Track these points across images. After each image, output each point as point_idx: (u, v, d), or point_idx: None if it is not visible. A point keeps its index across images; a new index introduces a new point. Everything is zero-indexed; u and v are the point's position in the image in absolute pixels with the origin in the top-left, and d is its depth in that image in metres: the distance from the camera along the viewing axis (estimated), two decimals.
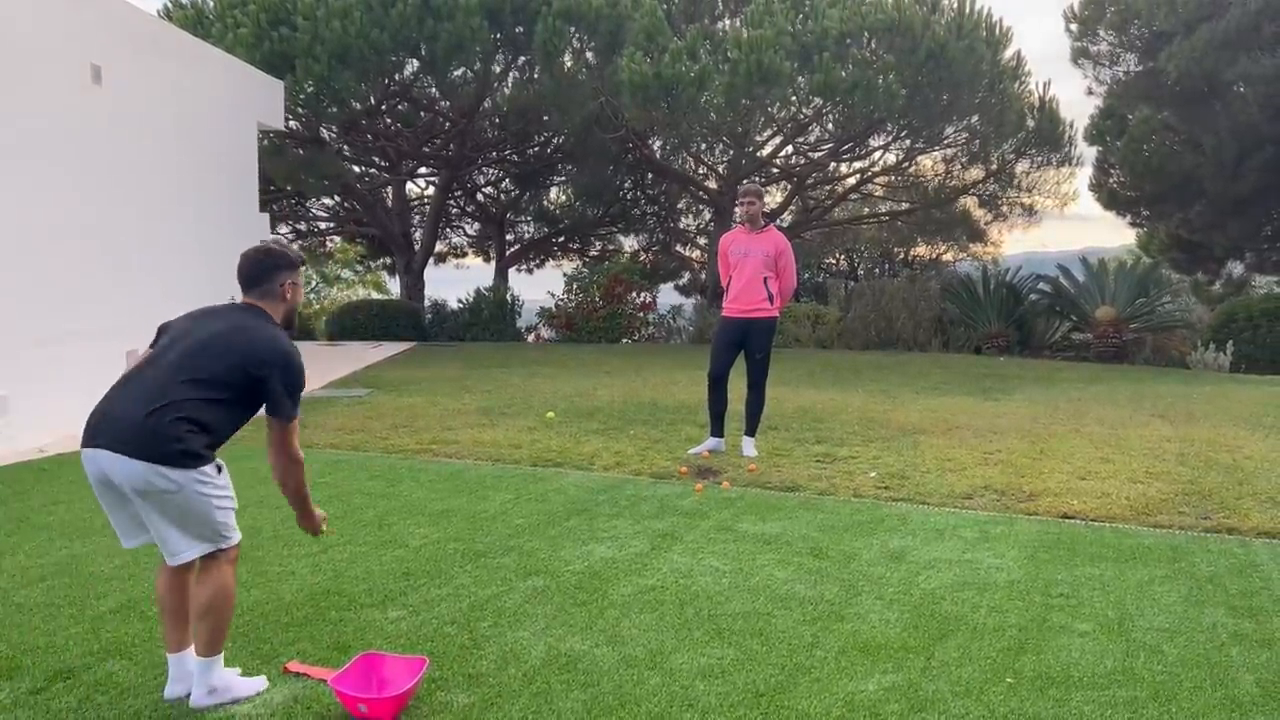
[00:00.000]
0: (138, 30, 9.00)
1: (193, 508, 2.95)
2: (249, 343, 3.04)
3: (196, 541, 3.01)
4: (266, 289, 3.20)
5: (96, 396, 3.01)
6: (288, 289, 3.23)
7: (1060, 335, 17.94)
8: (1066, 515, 5.57)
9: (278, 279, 3.21)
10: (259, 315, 3.17)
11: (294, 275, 3.25)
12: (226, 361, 3.00)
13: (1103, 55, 18.45)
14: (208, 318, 3.17)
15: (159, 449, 2.85)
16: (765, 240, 7.05)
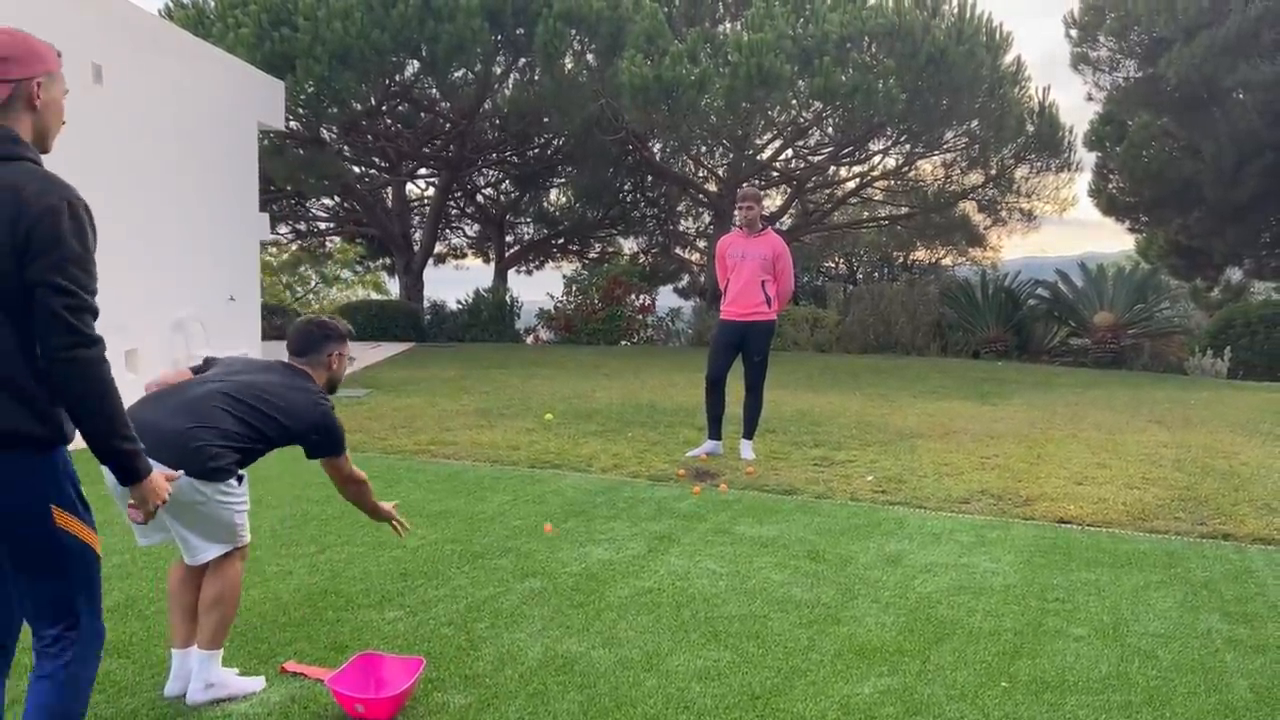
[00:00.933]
0: (138, 30, 9.01)
1: (215, 515, 3.05)
2: (292, 405, 3.21)
3: (214, 543, 3.09)
4: (315, 359, 3.43)
5: None
6: (334, 360, 3.47)
7: (1058, 340, 17.97)
8: (1063, 520, 5.58)
9: (326, 350, 3.45)
10: (305, 378, 3.36)
11: (341, 347, 3.47)
12: (272, 420, 3.15)
13: (1103, 61, 18.49)
14: (261, 368, 3.36)
15: (196, 464, 2.92)
16: (763, 243, 7.07)
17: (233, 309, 10.61)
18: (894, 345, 17.32)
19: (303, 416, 3.22)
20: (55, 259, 2.01)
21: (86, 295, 2.06)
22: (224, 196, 10.50)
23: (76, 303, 2.03)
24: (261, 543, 4.80)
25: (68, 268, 2.02)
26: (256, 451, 3.16)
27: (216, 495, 3.02)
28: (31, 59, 2.17)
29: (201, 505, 3.01)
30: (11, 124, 2.13)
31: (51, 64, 2.22)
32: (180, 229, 9.42)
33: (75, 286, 2.03)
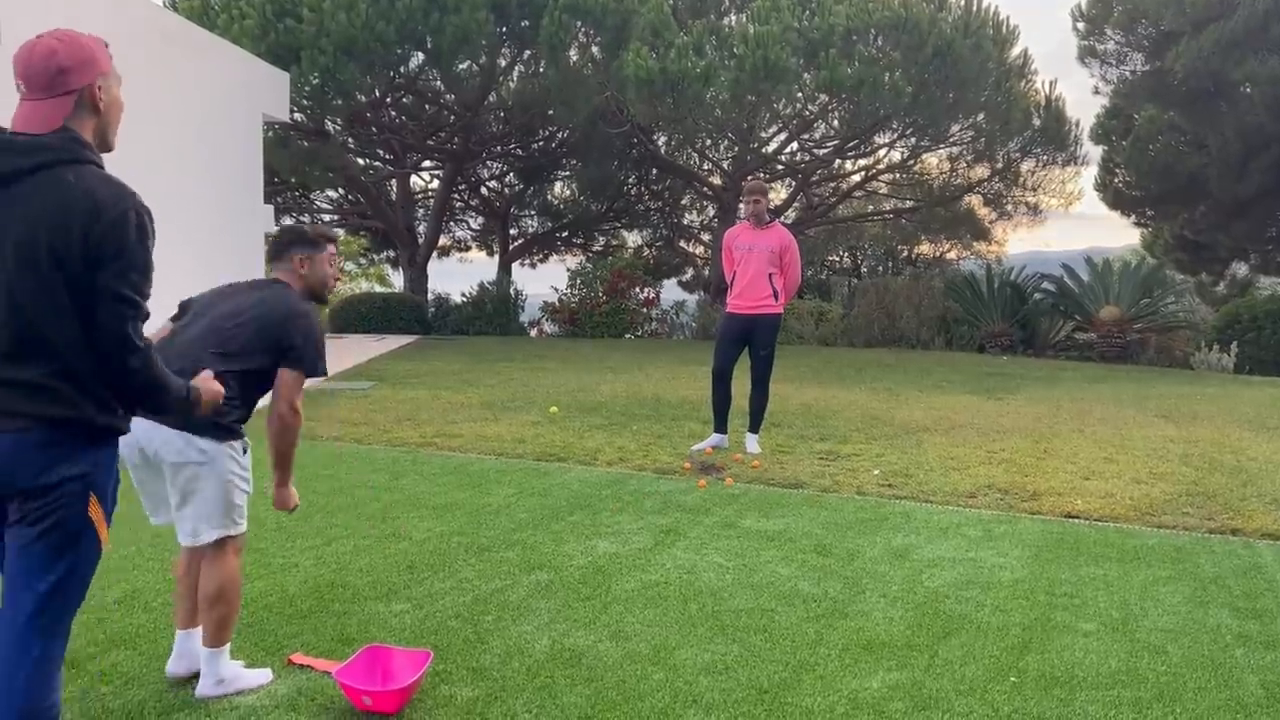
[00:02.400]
0: (143, 21, 8.99)
1: (216, 485, 3.03)
2: (268, 306, 3.15)
3: (207, 525, 3.06)
4: (282, 265, 3.35)
5: None
6: (302, 264, 3.33)
7: (1064, 335, 17.92)
8: (1070, 515, 5.57)
9: (290, 254, 3.33)
10: (275, 284, 3.31)
11: (310, 250, 3.35)
12: (251, 328, 3.09)
13: (1110, 54, 18.41)
14: (230, 291, 3.28)
15: (191, 416, 2.79)
16: (770, 236, 7.04)
17: None
18: (899, 339, 17.29)
19: (277, 313, 3.14)
20: (121, 266, 2.12)
21: (143, 302, 2.19)
22: (229, 188, 10.48)
23: (134, 312, 2.16)
24: (267, 535, 4.79)
25: (131, 275, 2.15)
26: (251, 389, 3.11)
27: (221, 458, 3.01)
28: (89, 64, 2.21)
29: (203, 467, 2.98)
30: (77, 127, 2.18)
31: (106, 64, 2.26)
32: (185, 221, 9.40)
33: (136, 295, 2.16)
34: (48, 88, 2.15)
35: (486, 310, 19.42)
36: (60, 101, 2.16)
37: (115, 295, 2.11)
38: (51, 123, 2.15)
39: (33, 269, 2.08)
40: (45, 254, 2.07)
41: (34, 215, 2.08)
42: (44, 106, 2.15)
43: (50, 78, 2.15)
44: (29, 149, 2.12)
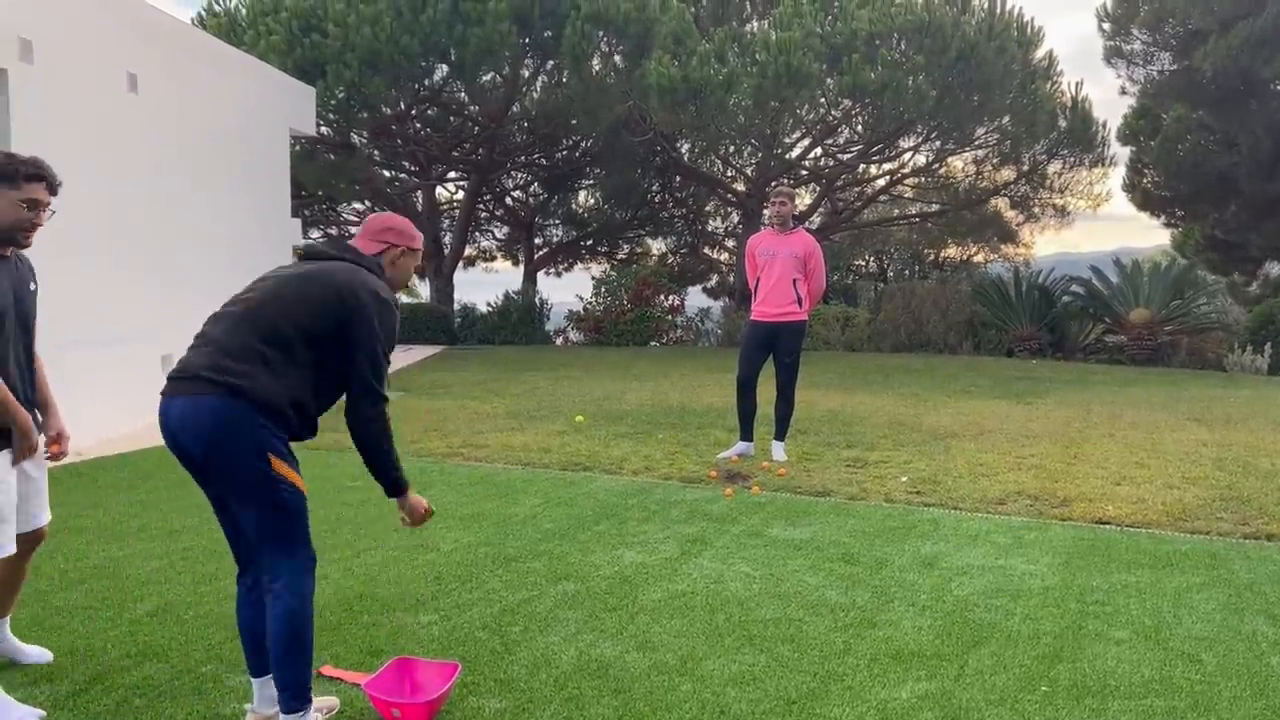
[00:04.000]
0: (172, 38, 9.12)
1: None
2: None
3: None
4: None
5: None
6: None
7: (1093, 338, 17.73)
8: (1101, 521, 5.51)
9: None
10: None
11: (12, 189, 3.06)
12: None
13: (1136, 54, 18.23)
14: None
15: None
16: (793, 241, 7.02)
17: None
18: (926, 344, 17.18)
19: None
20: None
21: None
22: (257, 202, 10.60)
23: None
24: None
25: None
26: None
27: None
28: (406, 236, 3.03)
29: None
30: (382, 262, 2.97)
31: (416, 244, 3.06)
32: (213, 234, 9.52)
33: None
34: (373, 235, 2.99)
35: (512, 320, 19.50)
36: (375, 245, 2.98)
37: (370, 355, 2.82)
38: (365, 252, 2.95)
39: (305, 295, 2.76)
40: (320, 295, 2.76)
41: (327, 274, 2.81)
42: (365, 244, 2.97)
43: (379, 230, 3.01)
44: (350, 251, 2.92)
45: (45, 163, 3.13)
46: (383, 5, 15.92)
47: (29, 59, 6.96)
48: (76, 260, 7.50)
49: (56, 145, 7.27)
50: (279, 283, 2.80)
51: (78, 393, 7.34)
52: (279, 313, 2.72)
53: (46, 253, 7.25)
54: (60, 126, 7.36)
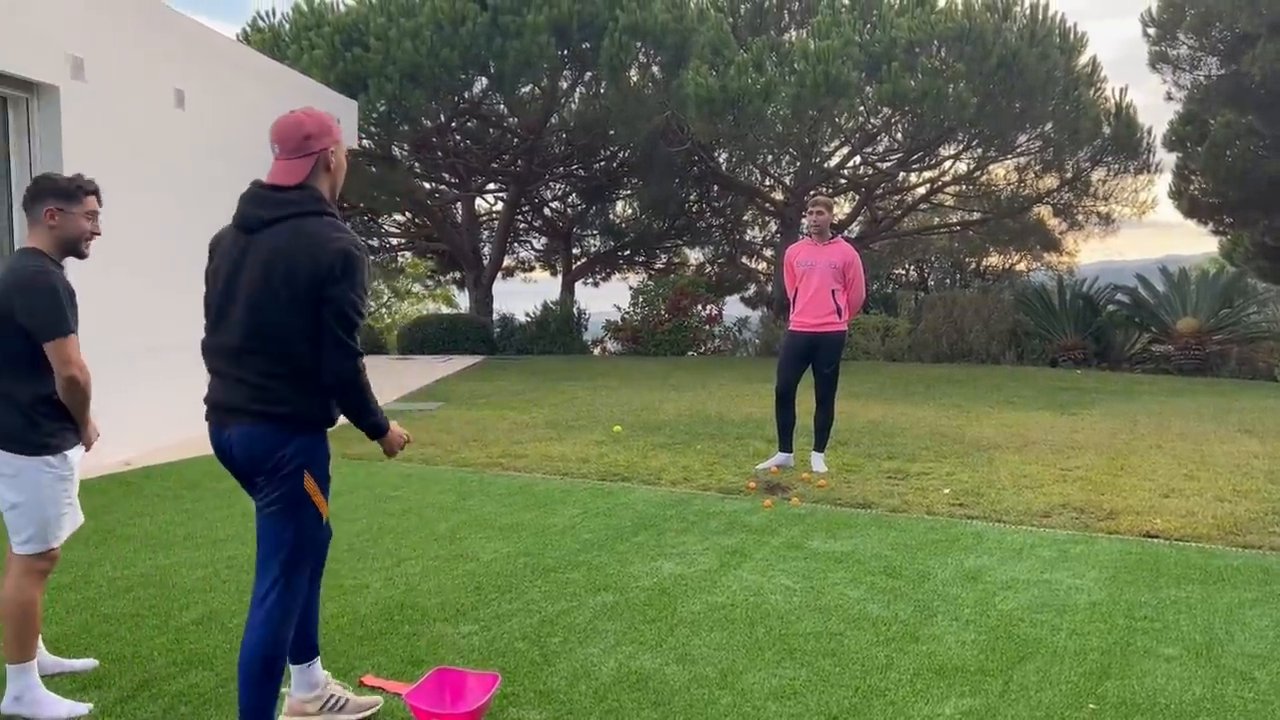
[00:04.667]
0: (217, 54, 9.28)
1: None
2: (3, 282, 3.10)
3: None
4: (33, 220, 3.23)
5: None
6: (52, 217, 3.19)
7: (1140, 347, 17.43)
8: (1149, 534, 5.40)
9: (40, 207, 3.20)
10: (23, 255, 3.18)
11: (59, 203, 3.19)
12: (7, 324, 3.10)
13: (1182, 59, 17.93)
14: None
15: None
16: (832, 251, 6.98)
17: None
18: (968, 354, 16.99)
19: (10, 296, 3.07)
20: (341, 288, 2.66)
21: (356, 317, 2.71)
22: None
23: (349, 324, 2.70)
24: (339, 555, 4.87)
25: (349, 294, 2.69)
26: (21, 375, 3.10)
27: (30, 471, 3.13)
28: (325, 132, 2.81)
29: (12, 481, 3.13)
30: (315, 183, 2.78)
31: (337, 133, 2.86)
32: None
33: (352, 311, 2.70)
34: (295, 150, 2.76)
35: (550, 330, 19.56)
36: (304, 161, 2.76)
37: (338, 309, 2.65)
38: (297, 177, 2.74)
39: (287, 295, 2.65)
40: (283, 279, 2.64)
41: (278, 250, 2.66)
42: (294, 165, 2.76)
43: (298, 142, 2.75)
44: (280, 203, 2.72)
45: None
46: (423, 19, 16.10)
47: (80, 76, 7.12)
48: (124, 273, 7.64)
49: (105, 160, 7.42)
50: (255, 299, 2.70)
51: (125, 402, 7.47)
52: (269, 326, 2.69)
53: (95, 265, 7.40)
54: (109, 142, 7.51)
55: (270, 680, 2.73)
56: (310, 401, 2.74)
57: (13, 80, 6.68)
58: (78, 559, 4.69)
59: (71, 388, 3.10)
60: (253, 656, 2.71)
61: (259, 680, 2.72)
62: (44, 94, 6.92)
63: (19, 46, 6.56)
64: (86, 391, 3.15)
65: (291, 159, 2.76)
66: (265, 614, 2.74)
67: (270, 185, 2.76)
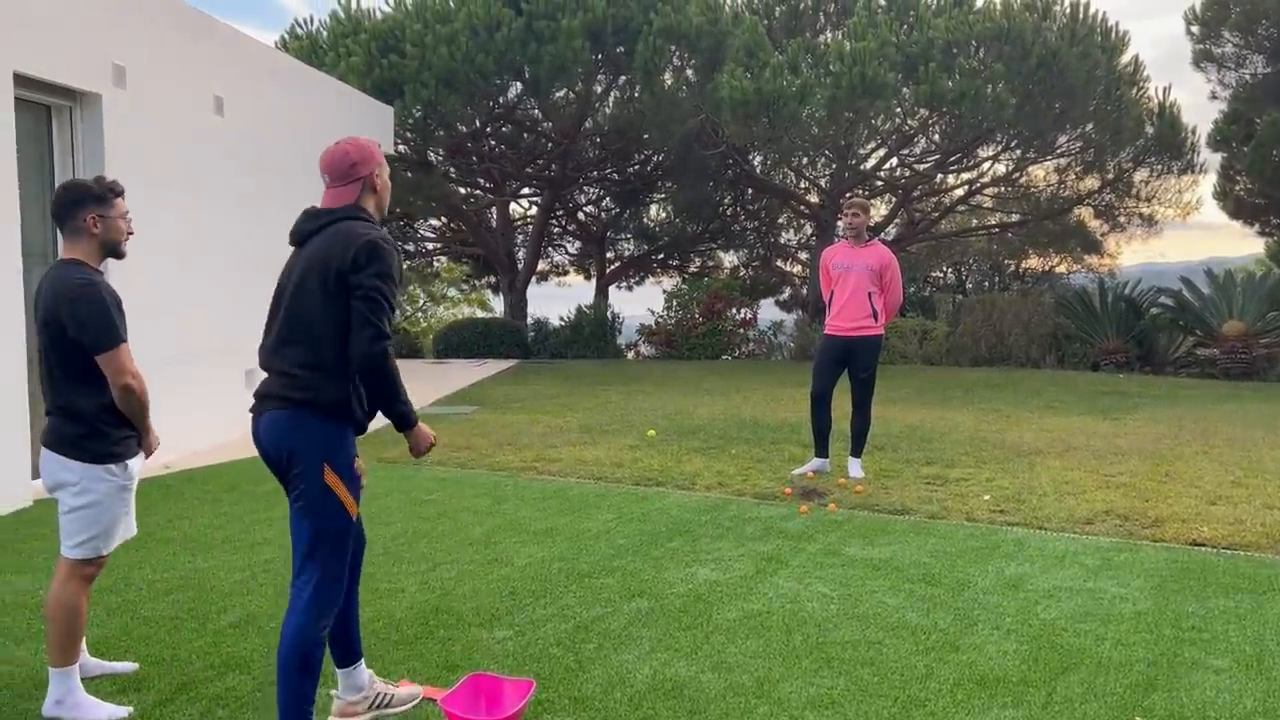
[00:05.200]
0: (256, 62, 9.38)
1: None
2: (64, 309, 3.10)
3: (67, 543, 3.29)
4: (71, 228, 3.22)
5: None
6: (92, 224, 3.21)
7: (1184, 351, 17.11)
8: (1196, 542, 5.28)
9: (78, 215, 3.21)
10: (66, 265, 3.20)
11: (99, 209, 3.21)
12: (64, 340, 3.13)
13: (1227, 57, 17.61)
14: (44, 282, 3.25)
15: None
16: (868, 254, 6.90)
17: None
18: (1007, 357, 16.77)
19: (59, 310, 3.09)
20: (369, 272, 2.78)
21: (384, 302, 2.80)
22: None
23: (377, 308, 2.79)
24: (374, 559, 4.89)
25: (376, 280, 2.80)
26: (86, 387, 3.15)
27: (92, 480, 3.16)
28: (369, 158, 2.98)
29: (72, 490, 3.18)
30: (362, 203, 2.96)
31: (379, 157, 3.02)
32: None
33: (380, 296, 2.79)
34: (343, 177, 2.94)
35: (584, 334, 19.57)
36: (352, 187, 2.95)
37: (364, 293, 2.76)
38: (346, 202, 2.93)
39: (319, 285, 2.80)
40: (318, 274, 2.80)
41: (316, 250, 2.84)
42: (342, 191, 2.94)
43: (345, 171, 2.94)
44: (326, 215, 2.92)
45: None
46: (458, 25, 16.18)
47: (121, 84, 7.22)
48: (163, 278, 7.73)
49: (146, 167, 7.52)
50: (294, 296, 2.88)
51: (165, 407, 7.56)
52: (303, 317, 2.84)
53: (135, 270, 7.52)
54: (149, 149, 7.61)
55: (306, 674, 2.77)
56: (335, 393, 2.82)
57: (56, 89, 6.78)
58: (118, 562, 4.73)
59: (127, 396, 3.13)
60: (288, 651, 2.77)
61: (294, 674, 2.76)
62: (87, 102, 7.02)
63: (62, 55, 6.66)
64: (143, 399, 3.18)
65: (340, 186, 2.95)
66: (296, 617, 2.79)
67: (314, 207, 2.98)
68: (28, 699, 3.26)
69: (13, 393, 6.09)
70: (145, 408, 3.21)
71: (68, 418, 3.14)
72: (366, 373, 2.80)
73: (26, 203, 6.34)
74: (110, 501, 3.17)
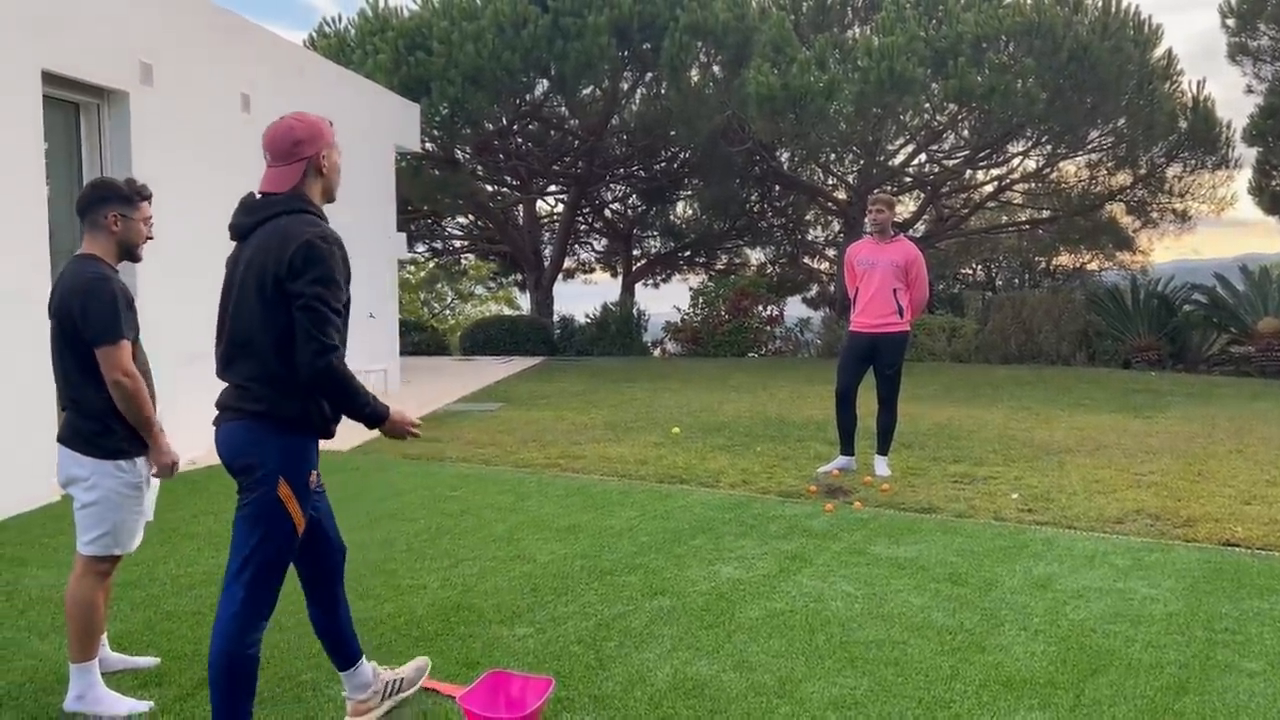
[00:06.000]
0: (284, 60, 9.44)
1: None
2: (75, 303, 3.11)
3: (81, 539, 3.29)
4: (93, 222, 3.24)
5: None
6: (114, 222, 3.23)
7: (1218, 349, 16.85)
8: (1229, 543, 5.18)
9: (101, 211, 3.23)
10: (83, 260, 3.20)
11: (122, 208, 3.23)
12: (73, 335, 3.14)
13: (1263, 50, 17.29)
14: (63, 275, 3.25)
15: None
16: (894, 250, 6.82)
17: (372, 325, 10.97)
18: (1037, 355, 16.59)
19: (70, 303, 3.10)
20: (307, 279, 2.61)
21: (323, 309, 2.61)
22: (364, 217, 10.87)
23: (318, 316, 2.61)
24: (397, 556, 4.89)
25: (315, 286, 2.62)
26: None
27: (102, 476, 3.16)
28: (316, 137, 2.78)
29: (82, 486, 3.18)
30: (306, 189, 2.77)
31: (329, 137, 2.82)
32: None
33: (319, 303, 2.61)
34: (285, 156, 2.75)
35: (610, 331, 19.56)
36: (294, 168, 2.75)
37: (304, 303, 2.59)
38: (287, 184, 2.74)
39: (256, 292, 2.64)
40: (255, 279, 2.64)
41: (255, 252, 2.67)
42: (284, 172, 2.75)
43: (288, 149, 2.74)
44: (264, 207, 2.73)
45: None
46: (485, 23, 16.22)
47: (149, 82, 7.27)
48: (191, 277, 7.79)
49: (173, 165, 7.58)
50: (236, 303, 2.74)
51: (192, 404, 7.62)
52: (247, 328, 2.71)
53: (164, 270, 7.59)
54: (177, 147, 7.66)
55: (238, 689, 2.68)
56: (290, 404, 2.68)
57: (84, 86, 6.84)
58: (142, 557, 4.76)
59: (119, 392, 3.11)
60: (216, 660, 2.68)
61: (224, 687, 2.67)
62: (114, 100, 7.08)
63: (90, 53, 6.72)
64: (138, 399, 3.13)
65: (282, 166, 2.76)
66: (225, 624, 2.68)
67: (261, 193, 2.77)
68: (51, 693, 3.28)
69: (40, 390, 6.15)
70: (142, 409, 3.15)
71: (80, 413, 3.16)
72: (316, 387, 2.65)
73: (54, 200, 6.41)
74: (119, 499, 3.18)
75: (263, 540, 2.69)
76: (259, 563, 2.69)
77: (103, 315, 3.08)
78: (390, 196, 12.08)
